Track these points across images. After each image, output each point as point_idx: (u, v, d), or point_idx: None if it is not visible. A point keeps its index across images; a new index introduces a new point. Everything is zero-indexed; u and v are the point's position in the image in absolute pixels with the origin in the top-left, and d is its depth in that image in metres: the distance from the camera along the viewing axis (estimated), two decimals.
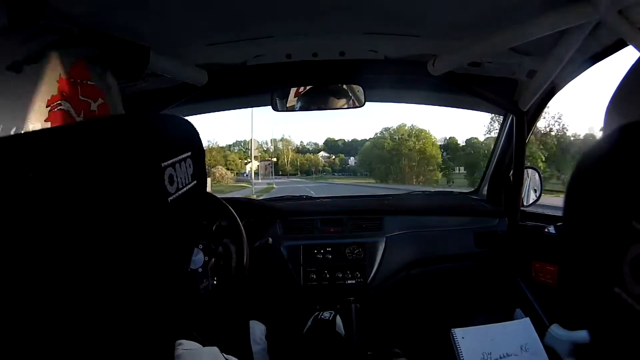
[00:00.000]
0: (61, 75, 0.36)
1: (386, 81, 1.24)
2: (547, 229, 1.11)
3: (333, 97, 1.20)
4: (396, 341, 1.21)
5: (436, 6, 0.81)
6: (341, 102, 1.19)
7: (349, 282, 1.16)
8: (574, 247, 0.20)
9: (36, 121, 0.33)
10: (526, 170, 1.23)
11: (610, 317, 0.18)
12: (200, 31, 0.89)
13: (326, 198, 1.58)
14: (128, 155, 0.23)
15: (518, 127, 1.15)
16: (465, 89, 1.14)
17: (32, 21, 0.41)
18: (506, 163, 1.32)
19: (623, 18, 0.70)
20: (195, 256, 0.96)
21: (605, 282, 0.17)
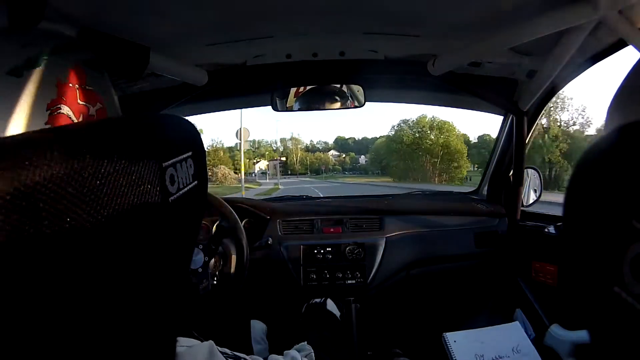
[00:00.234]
0: (60, 80, 0.37)
1: (386, 81, 1.24)
2: (547, 229, 1.11)
3: (333, 97, 1.20)
4: (396, 341, 1.21)
5: (436, 6, 0.81)
6: (341, 103, 1.19)
7: (349, 282, 1.16)
8: (574, 247, 0.20)
9: (36, 124, 0.34)
10: (526, 170, 1.23)
11: (610, 317, 0.18)
12: (200, 31, 0.89)
13: (326, 198, 1.58)
14: (129, 155, 0.23)
15: (518, 127, 1.15)
16: (465, 89, 1.14)
17: (32, 21, 0.42)
18: (506, 163, 1.32)
19: (623, 18, 0.70)
20: (195, 256, 0.96)
21: (605, 282, 0.17)
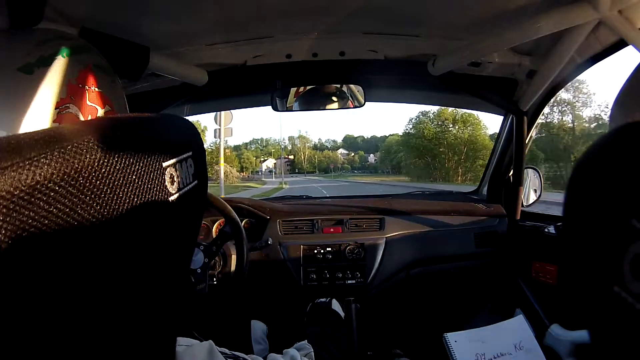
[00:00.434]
0: (70, 80, 0.37)
1: (386, 81, 1.24)
2: (547, 229, 1.11)
3: (333, 97, 1.20)
4: (396, 341, 1.21)
5: (436, 6, 0.81)
6: (341, 102, 1.19)
7: (349, 282, 1.16)
8: (574, 246, 0.20)
9: (44, 122, 0.34)
10: (526, 170, 1.23)
11: (610, 316, 0.18)
12: (200, 31, 0.89)
13: (326, 198, 1.58)
14: (129, 155, 0.23)
15: (518, 127, 1.15)
16: (465, 89, 1.14)
17: (32, 21, 0.42)
18: (506, 163, 1.32)
19: (623, 18, 0.70)
20: (195, 256, 0.96)
21: (605, 281, 0.17)
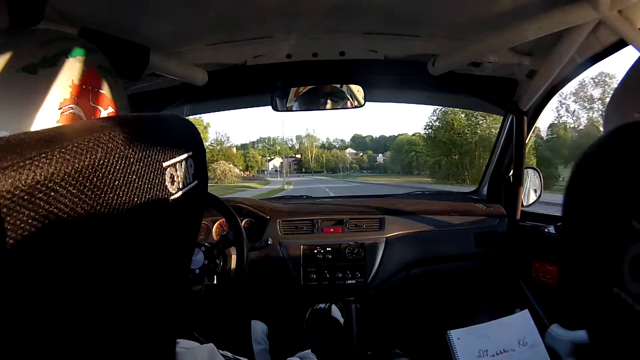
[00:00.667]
0: (74, 80, 0.37)
1: (386, 81, 1.24)
2: (547, 229, 1.11)
3: (333, 97, 1.20)
4: (396, 341, 1.21)
5: (436, 6, 0.81)
6: (341, 103, 1.19)
7: (349, 282, 1.16)
8: (574, 247, 0.20)
9: (47, 122, 0.34)
10: (526, 170, 1.23)
11: (609, 317, 0.18)
12: (200, 31, 0.89)
13: (326, 198, 1.58)
14: (129, 155, 0.23)
15: (518, 127, 1.15)
16: (465, 89, 1.14)
17: (32, 21, 0.42)
18: (506, 163, 1.32)
19: (623, 18, 0.70)
20: (195, 256, 0.96)
21: (604, 282, 0.17)
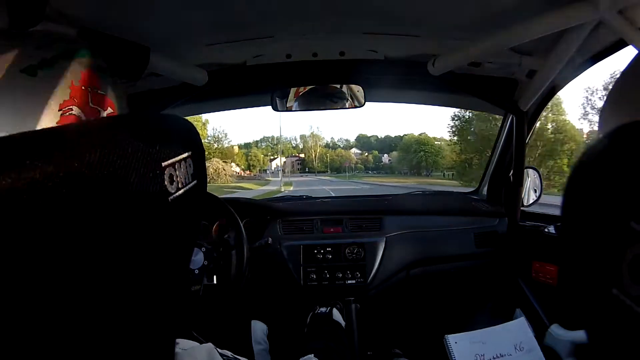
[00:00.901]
0: (73, 82, 0.37)
1: (386, 81, 1.24)
2: (547, 229, 1.11)
3: (333, 97, 1.20)
4: (396, 341, 1.21)
5: (436, 6, 0.81)
6: (341, 103, 1.19)
7: (349, 282, 1.16)
8: (573, 248, 0.20)
9: (47, 123, 0.35)
10: (526, 170, 1.23)
11: (608, 318, 0.18)
12: (200, 31, 0.89)
13: (326, 198, 1.58)
14: (128, 155, 0.23)
15: (518, 127, 1.15)
16: (465, 89, 1.14)
17: (32, 21, 0.42)
18: (506, 163, 1.32)
19: (623, 18, 0.70)
20: (195, 256, 0.96)
21: (603, 284, 0.17)
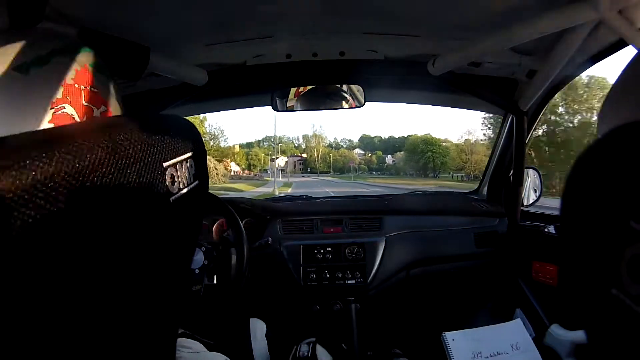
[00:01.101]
0: (66, 79, 0.37)
1: (386, 81, 1.24)
2: (547, 229, 1.11)
3: (333, 97, 1.20)
4: (396, 341, 1.21)
5: (436, 6, 0.81)
6: (341, 103, 1.19)
7: (349, 282, 1.16)
8: (572, 248, 0.20)
9: (40, 123, 0.34)
10: (526, 170, 1.23)
11: (608, 318, 0.18)
12: (200, 31, 0.89)
13: (326, 198, 1.58)
14: (129, 155, 0.23)
15: (518, 127, 1.15)
16: (465, 89, 1.14)
17: (33, 21, 0.42)
18: (506, 163, 1.32)
19: (623, 18, 0.70)
20: (195, 256, 0.96)
21: (603, 283, 0.17)
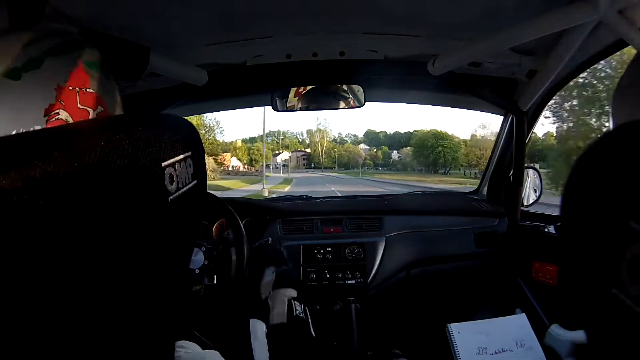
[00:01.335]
0: (59, 83, 0.35)
1: (386, 81, 1.24)
2: (547, 229, 1.11)
3: (333, 97, 1.20)
4: (396, 341, 1.21)
5: (436, 6, 0.81)
6: (341, 102, 1.19)
7: (349, 282, 1.16)
8: (572, 248, 0.20)
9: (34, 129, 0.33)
10: (526, 170, 1.23)
11: (608, 318, 0.18)
12: (200, 31, 0.89)
13: (326, 198, 1.58)
14: (128, 155, 0.23)
15: (518, 127, 1.15)
16: (465, 89, 1.14)
17: (33, 21, 0.41)
18: (506, 163, 1.32)
19: (623, 18, 0.70)
20: (195, 256, 0.96)
21: (603, 283, 0.17)
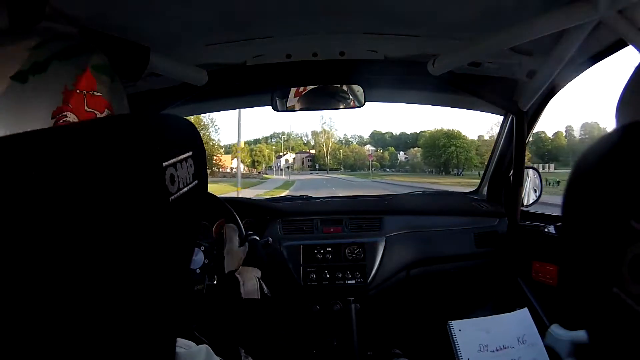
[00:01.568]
0: (67, 86, 0.35)
1: (386, 81, 1.24)
2: (547, 229, 1.11)
3: (333, 97, 1.20)
4: (396, 341, 1.21)
5: (436, 6, 0.81)
6: (341, 102, 1.19)
7: (349, 282, 1.16)
8: (573, 247, 0.20)
9: None
10: (526, 170, 1.23)
11: (609, 318, 0.18)
12: (200, 31, 0.89)
13: (326, 198, 1.58)
14: (130, 154, 0.23)
15: (518, 127, 1.15)
16: (465, 89, 1.14)
17: (33, 21, 0.41)
18: (506, 163, 1.32)
19: (623, 18, 0.70)
20: (195, 256, 0.96)
21: (604, 283, 0.17)
